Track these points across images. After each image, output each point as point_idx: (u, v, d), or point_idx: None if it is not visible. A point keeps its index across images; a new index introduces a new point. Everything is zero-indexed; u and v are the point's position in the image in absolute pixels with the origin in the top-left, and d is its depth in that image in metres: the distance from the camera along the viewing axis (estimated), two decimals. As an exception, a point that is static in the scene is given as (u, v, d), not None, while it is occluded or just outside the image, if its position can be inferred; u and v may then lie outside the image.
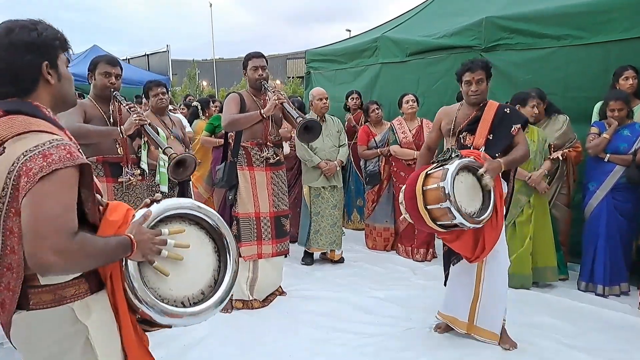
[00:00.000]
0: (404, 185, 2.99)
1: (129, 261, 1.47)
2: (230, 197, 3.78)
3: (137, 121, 3.17)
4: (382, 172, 5.30)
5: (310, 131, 3.55)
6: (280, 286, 4.08)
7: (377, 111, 5.35)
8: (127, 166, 3.31)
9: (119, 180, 3.27)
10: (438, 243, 5.20)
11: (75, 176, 1.32)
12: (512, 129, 3.09)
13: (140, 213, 1.52)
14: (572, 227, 4.36)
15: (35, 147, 1.28)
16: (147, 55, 12.15)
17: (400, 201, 3.03)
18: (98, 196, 1.53)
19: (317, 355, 3.07)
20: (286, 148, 5.47)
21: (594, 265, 3.97)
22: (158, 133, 3.42)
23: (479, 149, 3.05)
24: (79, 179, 1.34)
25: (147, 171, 3.45)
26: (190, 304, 1.58)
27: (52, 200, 1.25)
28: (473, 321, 3.14)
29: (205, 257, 1.65)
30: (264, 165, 3.78)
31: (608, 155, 3.87)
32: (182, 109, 7.41)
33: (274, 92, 3.64)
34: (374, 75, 6.31)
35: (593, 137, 3.95)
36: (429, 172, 2.85)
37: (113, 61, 3.26)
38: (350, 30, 31.07)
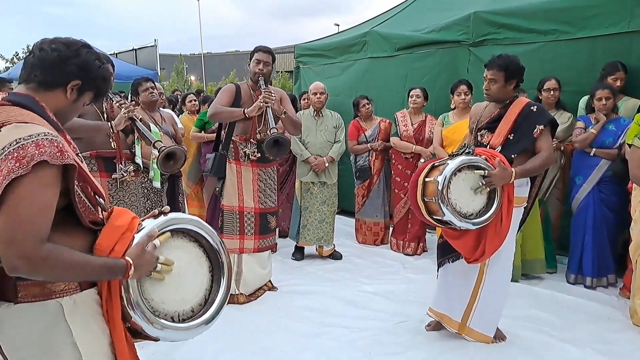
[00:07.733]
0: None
1: None
2: (217, 189, 3.85)
3: (126, 115, 3.19)
4: (372, 166, 5.31)
5: (279, 146, 3.56)
6: (270, 281, 4.08)
7: (367, 106, 5.34)
8: (121, 162, 3.32)
9: (113, 176, 3.29)
10: (429, 237, 5.24)
11: (55, 175, 1.28)
12: (535, 130, 2.83)
13: (144, 231, 1.49)
14: (562, 220, 4.40)
15: (16, 140, 1.24)
16: (135, 49, 12.08)
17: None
18: (101, 200, 1.51)
19: (308, 350, 3.07)
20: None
21: (582, 257, 4.02)
22: (150, 129, 3.41)
23: (494, 149, 2.90)
24: (66, 178, 1.31)
25: (141, 166, 3.46)
26: (179, 320, 1.61)
27: (25, 202, 1.22)
28: (466, 322, 3.08)
29: (199, 277, 1.67)
30: (249, 161, 3.78)
31: (594, 149, 3.91)
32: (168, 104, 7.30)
33: (265, 91, 3.60)
34: (362, 69, 6.31)
35: (580, 132, 3.98)
36: (435, 165, 2.80)
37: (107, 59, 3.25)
38: (338, 25, 30.81)
